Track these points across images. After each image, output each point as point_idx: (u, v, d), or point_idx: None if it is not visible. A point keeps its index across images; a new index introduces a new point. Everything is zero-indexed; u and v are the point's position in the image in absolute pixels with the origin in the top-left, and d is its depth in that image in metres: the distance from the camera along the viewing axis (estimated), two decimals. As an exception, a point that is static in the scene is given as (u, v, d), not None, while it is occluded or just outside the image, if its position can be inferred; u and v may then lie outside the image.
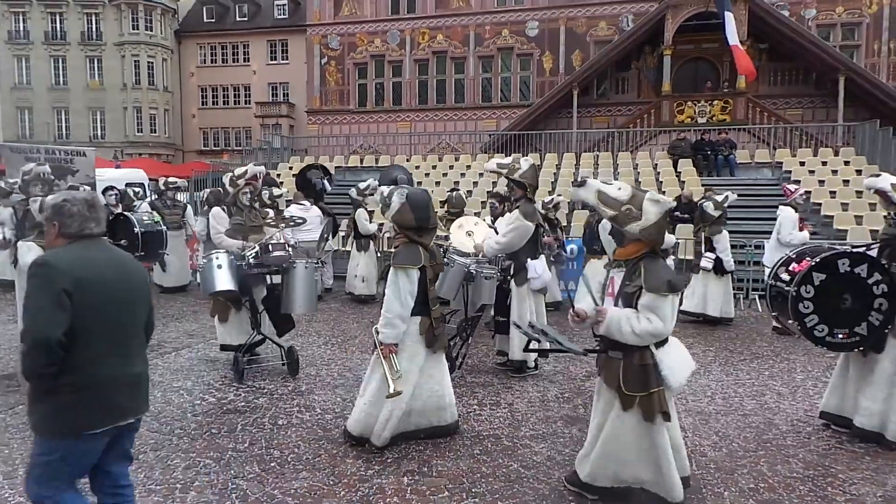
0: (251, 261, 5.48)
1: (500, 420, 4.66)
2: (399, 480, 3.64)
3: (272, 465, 3.85)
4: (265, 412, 4.75)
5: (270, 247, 5.48)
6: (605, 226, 8.29)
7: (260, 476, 3.68)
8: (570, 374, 5.95)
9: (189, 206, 11.42)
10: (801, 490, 3.58)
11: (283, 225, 6.47)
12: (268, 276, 5.62)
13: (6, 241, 6.71)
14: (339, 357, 6.44)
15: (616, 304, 3.28)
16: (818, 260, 4.15)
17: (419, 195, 4.09)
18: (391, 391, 3.80)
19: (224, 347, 6.09)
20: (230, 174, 5.95)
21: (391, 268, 4.00)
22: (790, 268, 4.33)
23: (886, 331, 4.18)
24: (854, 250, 4.31)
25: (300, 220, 7.14)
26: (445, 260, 5.38)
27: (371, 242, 10.00)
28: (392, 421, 4.00)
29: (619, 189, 3.25)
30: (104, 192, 10.73)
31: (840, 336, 4.15)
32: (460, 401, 5.08)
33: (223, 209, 6.11)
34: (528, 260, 5.62)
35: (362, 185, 9.99)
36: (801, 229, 8.19)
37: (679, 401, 4.89)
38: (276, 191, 11.02)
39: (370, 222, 9.93)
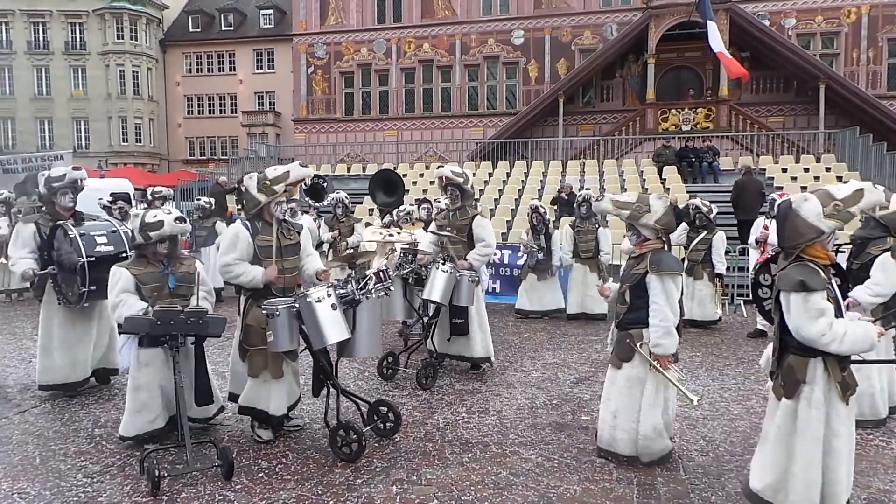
0: (360, 296, 4.15)
1: (488, 427, 4.67)
2: (388, 489, 3.63)
3: (260, 475, 3.81)
4: (252, 423, 4.70)
5: (382, 275, 4.32)
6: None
7: (248, 487, 3.65)
8: (558, 380, 5.97)
9: None
10: (786, 493, 3.61)
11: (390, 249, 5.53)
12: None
13: (32, 271, 5.21)
14: (326, 366, 6.40)
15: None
16: (772, 253, 4.54)
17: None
18: (695, 401, 3.76)
19: (258, 417, 4.31)
20: (258, 176, 4.38)
21: (654, 275, 3.81)
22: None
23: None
24: None
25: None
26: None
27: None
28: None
29: None
30: (152, 199, 9.90)
31: None
32: (448, 408, 5.08)
33: (247, 225, 4.37)
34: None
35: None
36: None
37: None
38: None
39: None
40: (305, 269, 4.59)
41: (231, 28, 35.79)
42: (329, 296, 3.98)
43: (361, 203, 15.65)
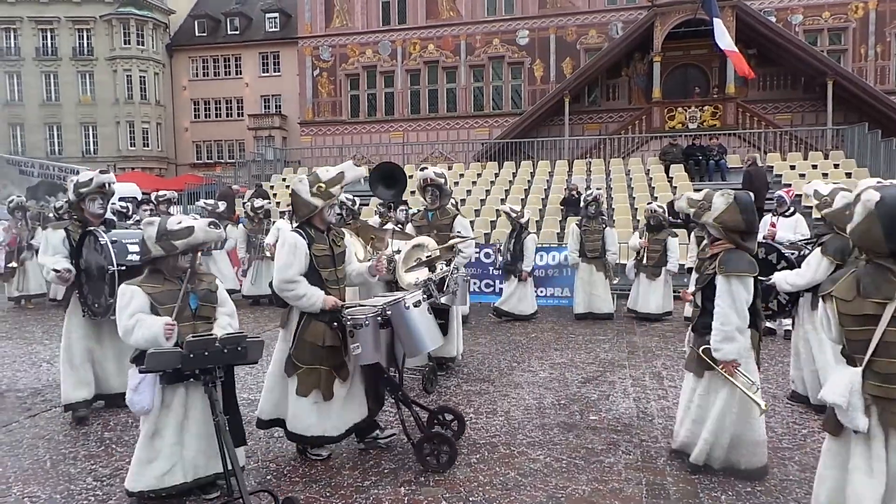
0: (440, 297, 4.03)
1: (496, 428, 4.66)
2: (396, 491, 3.63)
3: (268, 478, 3.82)
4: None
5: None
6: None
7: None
8: (565, 380, 5.95)
9: None
10: (797, 493, 3.58)
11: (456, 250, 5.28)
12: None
13: (67, 271, 4.78)
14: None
15: None
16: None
17: (745, 196, 3.70)
18: (762, 407, 3.50)
19: (315, 443, 4.05)
20: (310, 178, 3.99)
21: (721, 275, 3.60)
22: None
23: (788, 308, 5.20)
24: (766, 242, 5.33)
25: None
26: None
27: None
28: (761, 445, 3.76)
29: None
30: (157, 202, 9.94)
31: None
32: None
33: (302, 233, 3.94)
34: None
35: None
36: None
37: (676, 406, 4.89)
38: (257, 202, 10.81)
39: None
40: (351, 272, 4.22)
41: (237, 32, 35.94)
42: (425, 299, 3.81)
43: (368, 205, 15.67)
